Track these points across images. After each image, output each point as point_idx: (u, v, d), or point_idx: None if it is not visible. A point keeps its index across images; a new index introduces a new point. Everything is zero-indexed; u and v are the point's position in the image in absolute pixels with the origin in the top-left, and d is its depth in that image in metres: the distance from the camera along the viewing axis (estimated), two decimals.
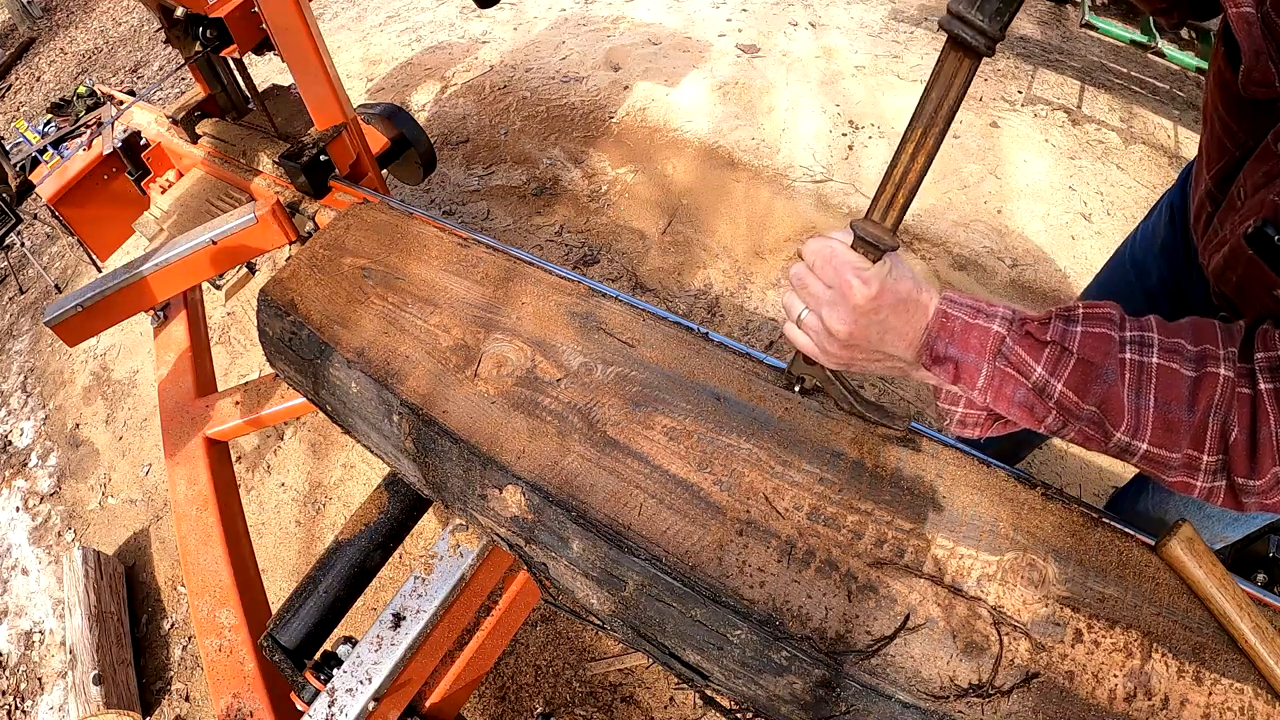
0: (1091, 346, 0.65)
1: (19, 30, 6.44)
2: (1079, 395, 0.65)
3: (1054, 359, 0.66)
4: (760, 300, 2.64)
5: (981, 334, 0.68)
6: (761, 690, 0.74)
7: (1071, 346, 0.65)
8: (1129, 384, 0.63)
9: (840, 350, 0.73)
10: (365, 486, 2.41)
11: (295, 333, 1.12)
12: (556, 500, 0.84)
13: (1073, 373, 0.65)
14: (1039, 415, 0.68)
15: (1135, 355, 0.64)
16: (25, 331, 3.47)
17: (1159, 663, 0.66)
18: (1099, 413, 0.65)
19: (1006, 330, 0.68)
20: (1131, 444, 0.64)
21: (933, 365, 0.70)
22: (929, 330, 0.70)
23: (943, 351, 0.69)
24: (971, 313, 0.69)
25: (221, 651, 1.24)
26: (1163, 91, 3.25)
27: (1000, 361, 0.67)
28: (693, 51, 3.71)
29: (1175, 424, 0.62)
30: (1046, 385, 0.66)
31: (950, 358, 0.69)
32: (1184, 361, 0.63)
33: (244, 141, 1.89)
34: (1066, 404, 0.66)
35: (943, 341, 0.69)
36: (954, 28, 0.57)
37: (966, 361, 0.69)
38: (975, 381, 0.69)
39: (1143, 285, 1.15)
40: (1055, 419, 0.67)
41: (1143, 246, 1.17)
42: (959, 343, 0.69)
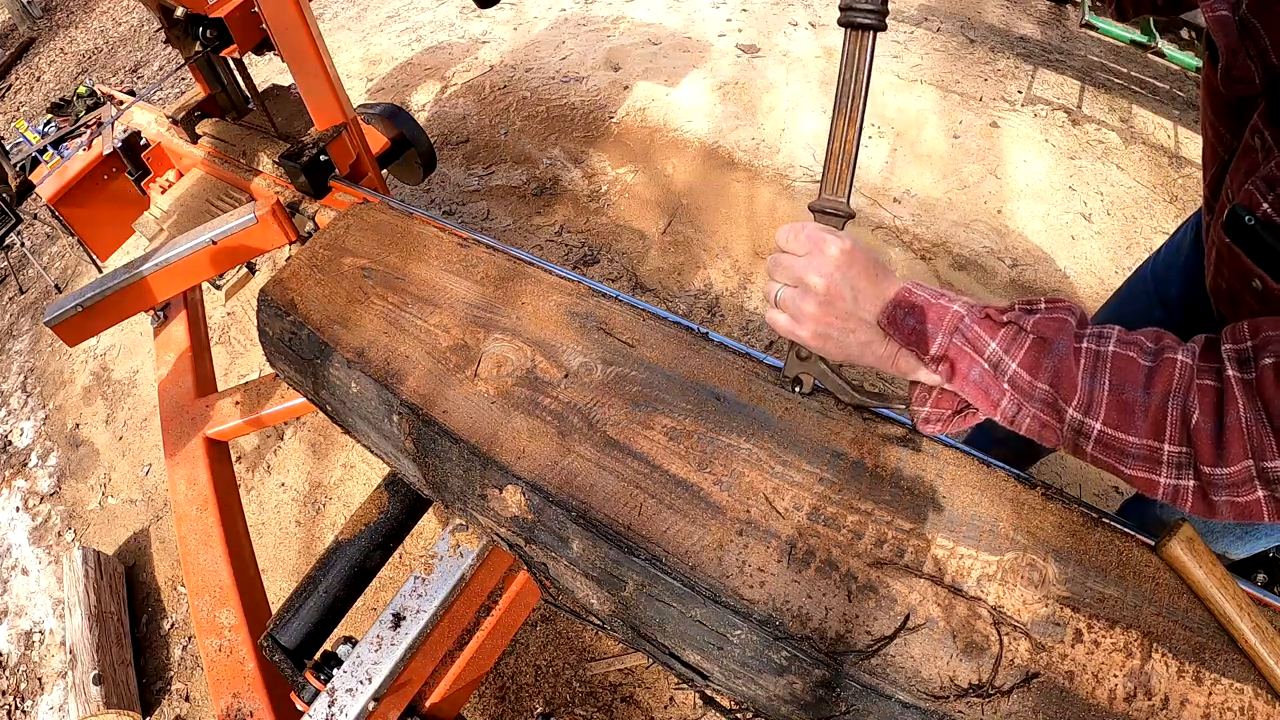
0: (1046, 325, 0.65)
1: (19, 30, 6.45)
2: (1032, 373, 0.65)
3: (1010, 337, 0.66)
4: (760, 300, 2.64)
5: (940, 311, 0.70)
6: (761, 690, 0.75)
7: (1027, 326, 0.66)
8: (1084, 367, 0.63)
9: (817, 311, 0.73)
10: (365, 486, 2.41)
11: (295, 333, 1.12)
12: (556, 500, 0.84)
13: (1028, 352, 0.65)
14: (994, 397, 0.68)
15: (1092, 345, 0.64)
16: (25, 331, 3.48)
17: (1159, 663, 0.66)
18: (1051, 391, 0.64)
19: (966, 311, 0.69)
20: (1085, 423, 0.63)
21: (888, 327, 0.71)
22: (891, 301, 0.71)
23: (901, 319, 0.70)
24: (935, 294, 0.71)
25: (221, 651, 1.24)
26: (1163, 91, 3.25)
27: (957, 338, 0.68)
28: (693, 51, 3.71)
29: (1130, 404, 0.61)
30: (1000, 362, 0.66)
31: (908, 325, 0.70)
32: (1141, 352, 0.63)
33: (244, 141, 1.89)
34: (1019, 383, 0.66)
35: (902, 310, 0.71)
36: (849, 16, 0.72)
37: (924, 331, 0.70)
38: (929, 348, 0.69)
39: (1161, 300, 1.16)
40: (1010, 401, 0.67)
41: (1165, 262, 1.18)
42: (917, 314, 0.70)
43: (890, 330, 0.71)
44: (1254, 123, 0.72)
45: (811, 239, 0.74)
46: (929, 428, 0.78)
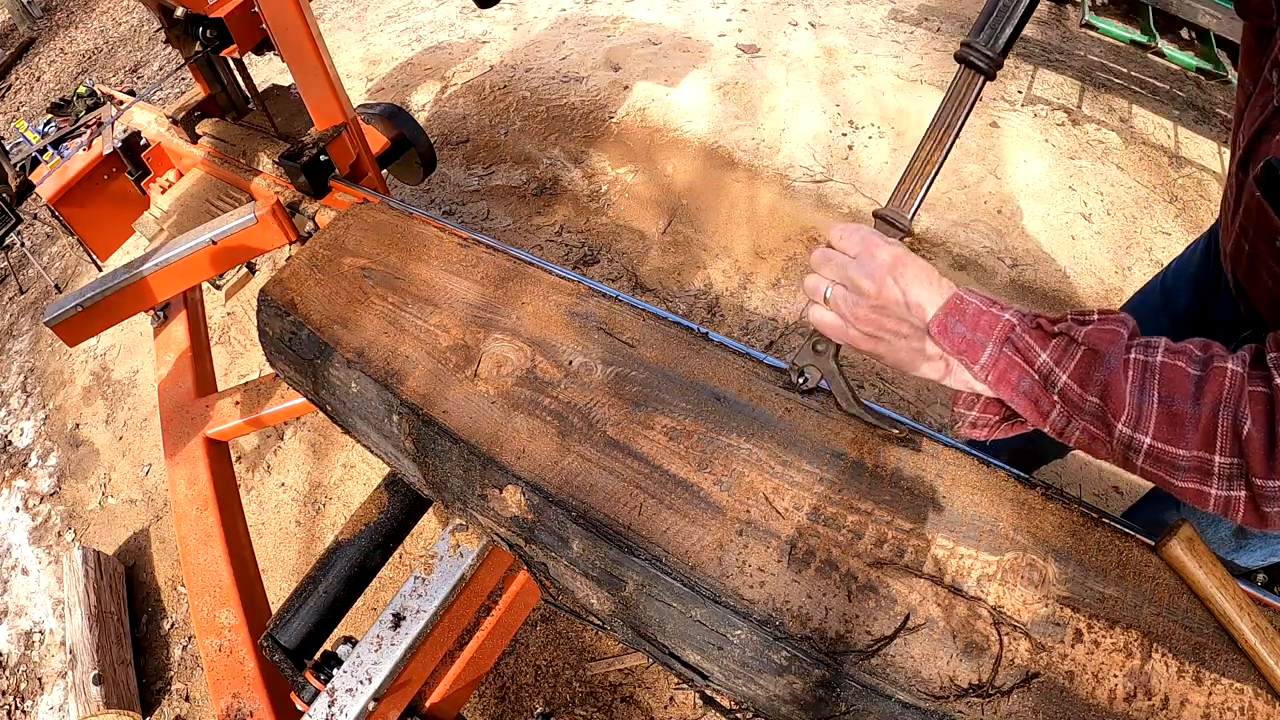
0: (1098, 337, 0.64)
1: (19, 30, 6.45)
2: (1082, 386, 0.64)
3: (1061, 348, 0.66)
4: (760, 300, 2.64)
5: (992, 319, 0.69)
6: (761, 690, 0.74)
7: (1079, 337, 0.65)
8: (1132, 380, 0.62)
9: (869, 314, 0.73)
10: (365, 486, 2.41)
11: (295, 333, 1.12)
12: (556, 500, 0.84)
13: (1079, 364, 0.64)
14: (1044, 409, 0.67)
15: (1140, 355, 0.63)
16: (25, 331, 3.48)
17: (1159, 663, 0.66)
18: (1101, 405, 0.63)
19: (1018, 320, 0.68)
20: (1134, 438, 0.62)
21: (939, 335, 0.71)
22: (943, 308, 0.71)
23: (951, 327, 0.70)
24: (986, 302, 0.70)
25: (221, 651, 1.24)
26: (1163, 91, 3.25)
27: (1008, 347, 0.68)
28: (693, 51, 3.71)
29: (1180, 417, 0.60)
30: (1051, 374, 0.66)
31: (958, 333, 0.70)
32: (1190, 361, 0.62)
33: (244, 141, 1.89)
34: (1070, 395, 0.65)
35: (953, 318, 0.70)
36: (966, 54, 0.77)
37: (974, 339, 0.69)
38: (979, 357, 0.69)
39: (1169, 311, 1.15)
40: (1060, 413, 0.67)
41: (1175, 274, 1.18)
42: (969, 321, 0.69)
43: (941, 338, 0.71)
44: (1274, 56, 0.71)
45: (865, 241, 0.74)
46: (975, 433, 0.77)
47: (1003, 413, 0.74)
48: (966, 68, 0.77)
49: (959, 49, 0.78)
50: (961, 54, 0.77)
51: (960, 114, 0.78)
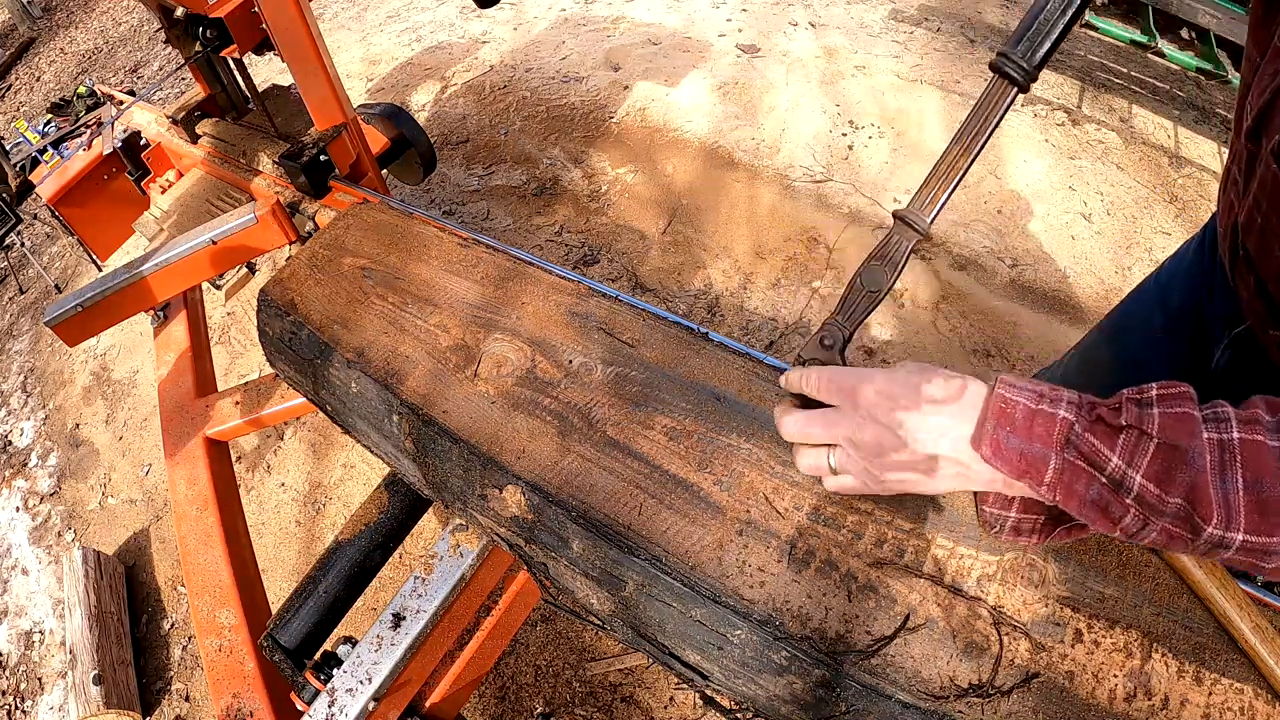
0: (1174, 428, 0.56)
1: (19, 30, 6.45)
2: (1162, 487, 0.56)
3: (1131, 445, 0.57)
4: (760, 300, 2.64)
5: (1048, 420, 0.59)
6: (761, 690, 0.75)
7: (1150, 430, 0.56)
8: (1212, 466, 0.55)
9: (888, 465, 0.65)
10: (365, 486, 2.41)
11: (295, 333, 1.12)
12: (556, 500, 0.84)
13: (1153, 460, 0.56)
14: (1115, 515, 0.58)
15: (1214, 434, 0.56)
16: (25, 331, 3.48)
17: (1159, 663, 0.66)
18: (1186, 506, 0.55)
19: (1075, 416, 0.59)
20: (1225, 537, 0.55)
21: (995, 460, 0.61)
22: (989, 422, 0.61)
23: (1004, 442, 0.60)
24: (1034, 397, 0.61)
25: (221, 651, 1.24)
26: (1163, 91, 3.25)
27: (1069, 452, 0.58)
28: (693, 51, 3.71)
29: (1270, 504, 0.54)
30: (1124, 478, 0.57)
31: (1013, 449, 0.60)
32: (1265, 431, 0.55)
33: (244, 141, 1.89)
34: (1148, 498, 0.56)
35: (1004, 430, 0.60)
36: (1001, 64, 0.74)
37: (1032, 453, 0.59)
38: (1043, 476, 0.59)
39: (1164, 307, 1.15)
40: (1135, 518, 0.58)
41: (1170, 270, 1.17)
42: (1022, 431, 0.59)
43: (997, 462, 0.60)
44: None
45: (838, 386, 0.67)
46: (1022, 539, 0.68)
47: (1044, 508, 0.66)
48: (1001, 78, 0.75)
49: (995, 58, 0.75)
50: (997, 64, 0.75)
51: (990, 123, 0.76)
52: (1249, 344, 0.94)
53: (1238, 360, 0.98)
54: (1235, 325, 0.96)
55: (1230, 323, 0.97)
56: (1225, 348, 0.99)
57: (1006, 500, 0.67)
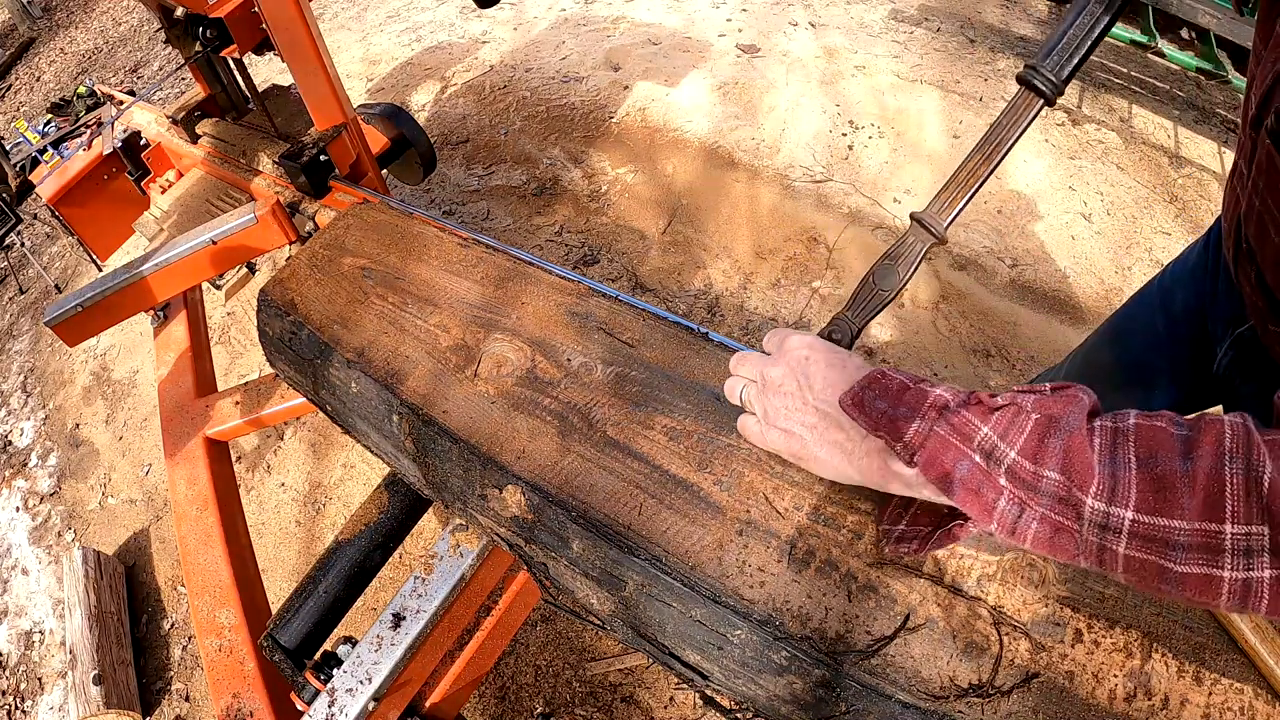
0: (1053, 402, 0.53)
1: (19, 30, 6.45)
2: (1035, 460, 0.51)
3: (1007, 420, 0.53)
4: (760, 300, 2.64)
5: (919, 395, 0.58)
6: (761, 690, 0.75)
7: (1027, 406, 0.53)
8: (1100, 447, 0.50)
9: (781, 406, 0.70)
10: (365, 486, 2.41)
11: (295, 333, 1.12)
12: (556, 500, 0.84)
13: (1030, 434, 0.52)
14: (988, 497, 0.53)
15: (1107, 423, 0.51)
16: (25, 331, 3.48)
17: (1159, 663, 0.66)
18: (1063, 480, 0.50)
19: (951, 395, 0.57)
20: (1111, 514, 0.48)
21: (853, 409, 0.61)
22: (860, 382, 0.62)
23: (870, 402, 0.60)
24: (914, 379, 0.60)
25: (221, 651, 1.24)
26: (1163, 91, 3.26)
27: (941, 425, 0.56)
28: (693, 51, 3.71)
29: (1168, 478, 0.46)
30: (995, 450, 0.53)
31: (877, 410, 0.59)
32: (1170, 422, 0.50)
33: (244, 141, 1.89)
34: (1021, 473, 0.51)
35: (871, 393, 0.60)
36: (1029, 76, 0.76)
37: (896, 414, 0.58)
38: (903, 431, 0.57)
39: (1166, 311, 1.14)
40: (1010, 501, 0.52)
41: (1173, 275, 1.16)
42: (890, 398, 0.59)
43: (855, 413, 0.60)
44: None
45: (780, 336, 0.72)
46: (904, 549, 0.67)
47: (935, 519, 0.64)
48: (1028, 90, 0.77)
49: (1023, 70, 0.78)
50: (1025, 76, 0.77)
51: (1014, 133, 0.77)
52: (1251, 344, 0.94)
53: (1240, 360, 0.98)
54: (1238, 326, 0.96)
55: (1233, 323, 0.97)
56: (1228, 348, 0.99)
57: (899, 513, 0.68)
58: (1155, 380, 1.18)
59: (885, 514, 0.70)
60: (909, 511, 0.67)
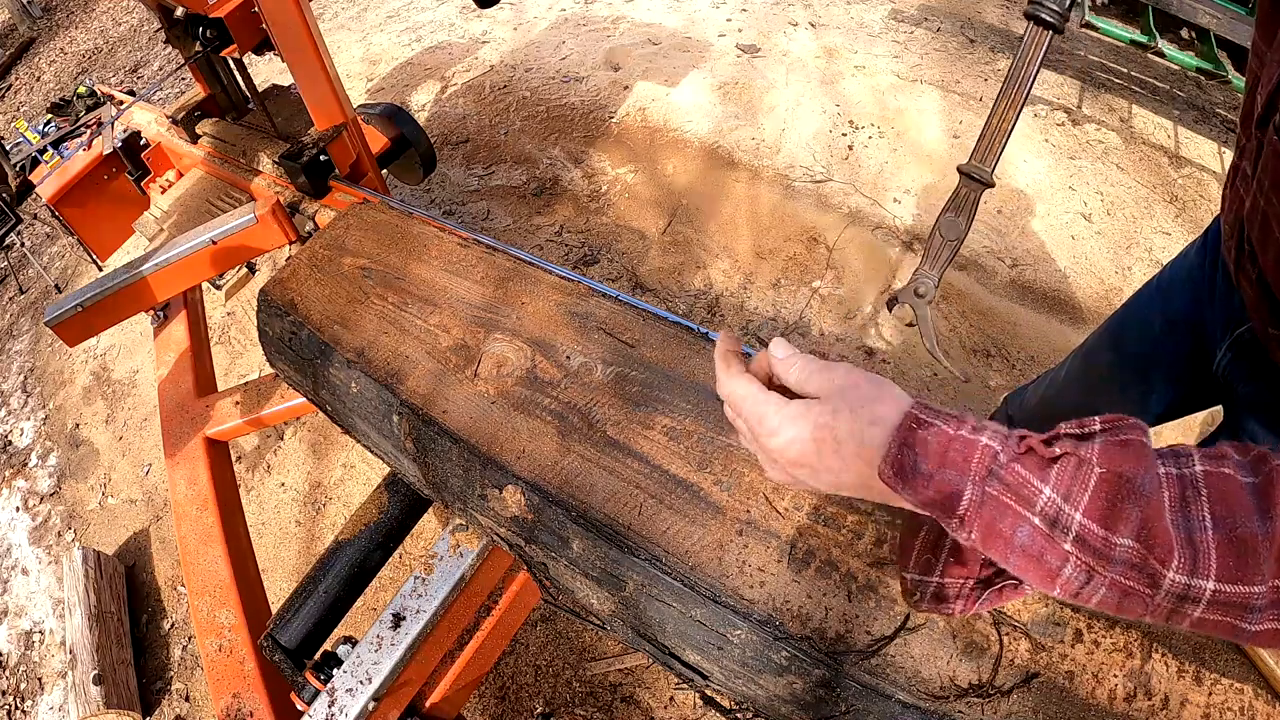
0: (1120, 455, 0.47)
1: (19, 30, 6.45)
2: (1107, 525, 0.46)
3: (1068, 476, 0.47)
4: (761, 300, 2.64)
5: (965, 446, 0.50)
6: (761, 690, 0.74)
7: (1090, 457, 0.47)
8: (1171, 505, 0.46)
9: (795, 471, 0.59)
10: (365, 486, 2.41)
11: (295, 333, 1.12)
12: (556, 500, 0.84)
13: (1096, 493, 0.46)
14: (1051, 565, 0.48)
15: (1172, 468, 0.47)
16: (25, 331, 3.48)
17: (1159, 663, 0.66)
18: (1139, 548, 0.45)
19: (1000, 444, 0.50)
20: (1192, 586, 0.45)
21: (895, 481, 0.52)
22: (895, 437, 0.52)
23: (910, 466, 0.51)
24: (951, 419, 0.52)
25: (221, 651, 1.24)
26: (1163, 91, 3.25)
27: (993, 484, 0.49)
28: (693, 51, 3.71)
29: (1248, 541, 0.44)
30: (1060, 514, 0.47)
31: (920, 475, 0.51)
32: (1236, 466, 0.47)
33: (244, 141, 1.89)
34: (1090, 540, 0.46)
35: (912, 454, 0.51)
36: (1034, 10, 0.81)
37: (944, 480, 0.50)
38: (956, 507, 0.50)
39: (1165, 312, 1.15)
40: (1076, 569, 0.47)
41: (1171, 274, 1.16)
42: (932, 456, 0.50)
43: (898, 485, 0.52)
44: None
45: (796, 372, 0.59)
46: (945, 609, 0.60)
47: (980, 571, 0.58)
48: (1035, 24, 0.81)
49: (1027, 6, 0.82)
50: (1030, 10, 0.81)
51: (1031, 69, 0.82)
52: (1250, 346, 0.94)
53: (1239, 362, 0.98)
54: (1237, 327, 0.96)
55: (1231, 325, 0.97)
56: (1226, 349, 0.99)
57: (929, 564, 0.59)
58: (1154, 380, 1.18)
59: (911, 558, 0.60)
60: (940, 558, 0.59)
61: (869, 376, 0.56)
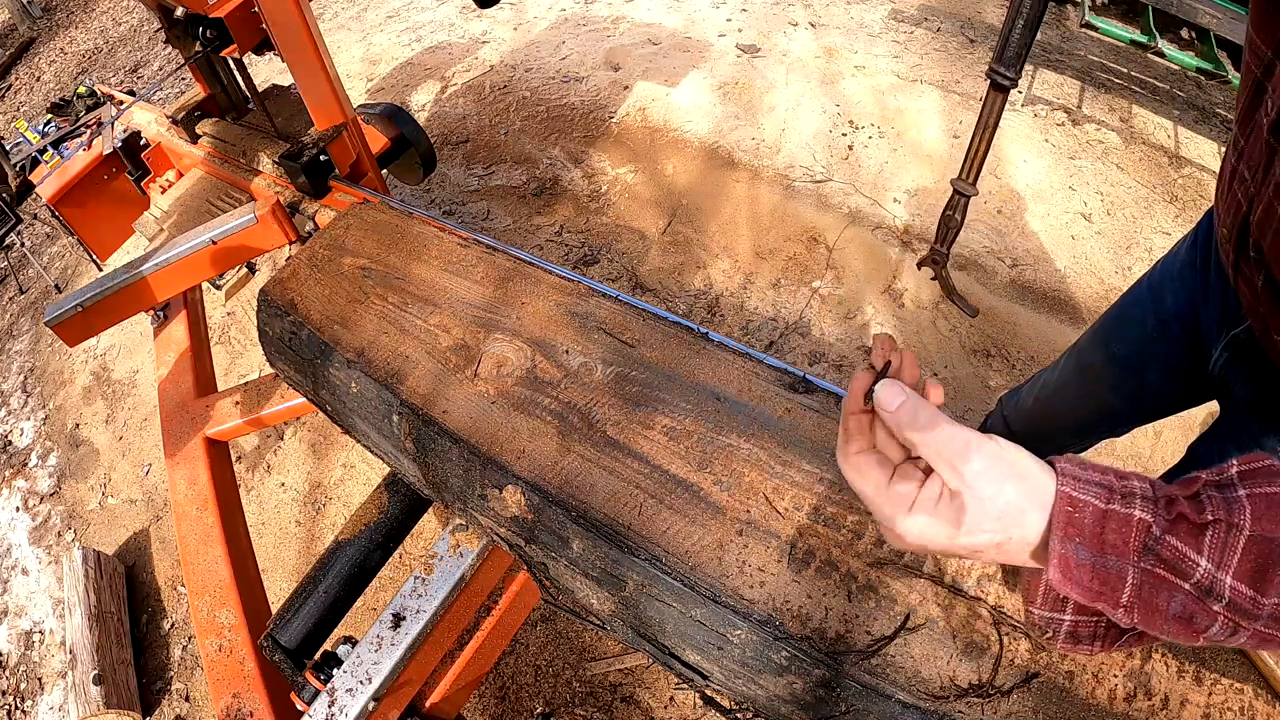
0: (1266, 516, 0.47)
1: (19, 30, 6.45)
2: (1257, 588, 0.46)
3: (1219, 543, 0.47)
4: (760, 300, 2.64)
5: (1121, 524, 0.48)
6: (761, 690, 0.74)
7: (1240, 521, 0.47)
8: None
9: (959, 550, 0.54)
10: (365, 486, 2.41)
11: (295, 333, 1.12)
12: (556, 500, 0.84)
13: (1244, 556, 0.47)
14: (1200, 625, 0.48)
15: None
16: (25, 331, 3.48)
17: (1159, 663, 0.66)
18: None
19: (1151, 515, 0.48)
20: None
21: (1064, 583, 0.50)
22: (1058, 536, 0.50)
23: (1073, 557, 0.49)
24: (1103, 494, 0.50)
25: (221, 651, 1.24)
26: (1163, 91, 3.25)
27: (1148, 560, 0.48)
28: (693, 51, 3.71)
29: None
30: (1214, 583, 0.47)
31: (1083, 565, 0.49)
32: None
33: (244, 141, 1.89)
34: (1240, 602, 0.47)
35: (1072, 543, 0.49)
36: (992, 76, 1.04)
37: (1106, 568, 0.48)
38: (1119, 597, 0.49)
39: (1157, 310, 1.14)
40: (1224, 626, 0.48)
41: (1163, 271, 1.16)
42: (1092, 540, 0.49)
43: (1068, 586, 0.50)
44: None
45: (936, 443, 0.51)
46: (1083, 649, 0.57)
47: None
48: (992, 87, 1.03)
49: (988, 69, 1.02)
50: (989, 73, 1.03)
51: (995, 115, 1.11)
52: (1247, 346, 0.94)
53: (1236, 363, 0.98)
54: (1233, 327, 0.96)
55: (1227, 324, 0.97)
56: (1223, 349, 0.99)
57: (1058, 600, 0.56)
58: (1148, 378, 1.18)
59: (1036, 595, 0.57)
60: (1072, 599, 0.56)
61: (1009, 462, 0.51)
